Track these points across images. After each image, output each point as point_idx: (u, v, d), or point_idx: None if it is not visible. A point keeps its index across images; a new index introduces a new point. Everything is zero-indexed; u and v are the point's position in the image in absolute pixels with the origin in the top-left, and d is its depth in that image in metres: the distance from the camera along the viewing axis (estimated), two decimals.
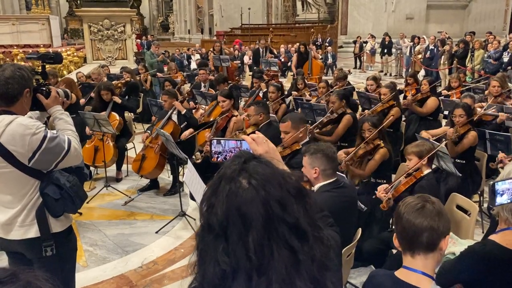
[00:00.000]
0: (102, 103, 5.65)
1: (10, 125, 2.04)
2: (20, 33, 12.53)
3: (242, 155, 1.01)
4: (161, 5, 33.50)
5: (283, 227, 0.91)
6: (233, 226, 0.91)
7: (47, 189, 2.17)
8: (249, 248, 0.89)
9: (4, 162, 2.06)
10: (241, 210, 0.91)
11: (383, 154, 3.89)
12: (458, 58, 11.59)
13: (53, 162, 2.15)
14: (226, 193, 0.93)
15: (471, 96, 5.42)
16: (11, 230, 2.19)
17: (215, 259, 0.91)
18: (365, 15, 19.02)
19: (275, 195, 0.92)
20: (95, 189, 5.29)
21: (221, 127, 4.96)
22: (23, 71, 2.15)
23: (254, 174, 0.94)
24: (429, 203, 1.65)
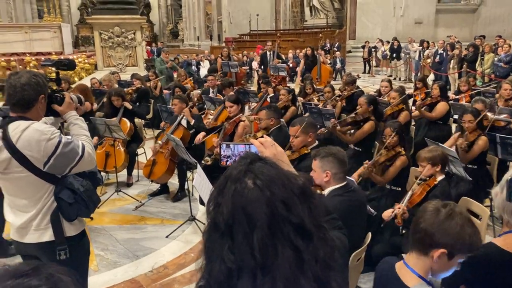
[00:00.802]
0: (113, 109, 5.72)
1: (26, 130, 2.09)
2: (33, 41, 12.70)
3: (248, 156, 1.04)
4: (171, 12, 33.75)
5: (288, 227, 0.93)
6: (238, 225, 0.93)
7: (62, 193, 2.21)
8: (254, 247, 0.91)
9: (20, 167, 2.11)
10: (246, 209, 0.93)
11: (404, 162, 3.85)
12: (468, 62, 11.52)
13: (68, 166, 2.19)
14: (232, 193, 0.95)
15: (483, 100, 5.36)
16: (27, 234, 2.23)
17: (221, 257, 0.94)
18: (373, 20, 19.00)
19: (279, 195, 0.95)
20: (106, 194, 5.33)
21: (229, 132, 4.99)
22: (38, 78, 2.20)
23: (259, 174, 0.97)
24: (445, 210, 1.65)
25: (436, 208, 1.65)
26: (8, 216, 2.31)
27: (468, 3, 17.94)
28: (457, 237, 1.58)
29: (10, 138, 2.09)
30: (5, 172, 2.15)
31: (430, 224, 1.61)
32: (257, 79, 10.32)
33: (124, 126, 5.47)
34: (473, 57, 11.51)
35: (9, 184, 2.22)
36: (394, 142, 3.91)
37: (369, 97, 5.33)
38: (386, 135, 3.98)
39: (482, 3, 17.77)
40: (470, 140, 4.21)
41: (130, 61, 12.13)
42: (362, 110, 5.06)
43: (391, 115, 5.47)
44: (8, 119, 2.17)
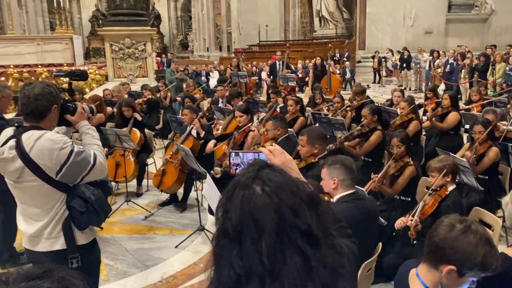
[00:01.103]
0: (123, 119, 5.76)
1: (39, 140, 2.13)
2: (45, 52, 12.89)
3: (256, 163, 1.05)
4: (181, 24, 34.08)
5: (296, 233, 0.94)
6: (247, 231, 0.94)
7: (73, 202, 2.23)
8: (262, 253, 0.92)
9: (33, 175, 2.14)
10: (254, 215, 0.94)
11: (412, 171, 3.82)
12: (479, 72, 11.44)
13: (80, 175, 2.22)
14: (240, 199, 0.97)
15: (494, 111, 5.30)
16: (39, 242, 2.25)
17: (229, 262, 0.94)
18: (383, 30, 19.00)
19: (287, 201, 0.95)
20: (116, 204, 5.35)
21: (239, 142, 5.00)
22: (51, 88, 2.25)
23: (268, 181, 0.98)
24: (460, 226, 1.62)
25: (451, 224, 1.62)
26: (20, 225, 2.34)
27: (479, 12, 17.87)
28: (468, 256, 1.53)
29: (24, 147, 2.12)
30: (18, 181, 2.18)
31: (443, 239, 1.59)
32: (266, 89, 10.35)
33: (134, 136, 5.51)
34: (484, 67, 11.44)
35: (22, 193, 2.24)
36: (401, 152, 3.88)
37: (371, 107, 5.31)
38: (393, 145, 3.95)
39: (493, 12, 17.69)
40: (480, 152, 4.16)
41: (140, 72, 12.23)
42: (367, 121, 5.05)
43: (401, 125, 5.44)
44: (22, 128, 2.20)
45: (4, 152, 2.15)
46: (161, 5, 32.80)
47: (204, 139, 5.29)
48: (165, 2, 33.25)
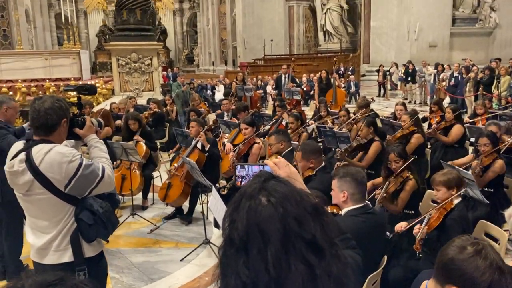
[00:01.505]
0: (129, 132, 5.81)
1: (48, 153, 2.16)
2: (52, 67, 13.02)
3: (262, 174, 1.08)
4: (186, 38, 34.43)
5: (300, 243, 0.96)
6: (253, 241, 0.96)
7: (82, 214, 2.26)
8: (268, 262, 0.94)
9: (42, 188, 2.17)
10: (260, 225, 0.96)
11: (413, 186, 3.80)
12: (484, 85, 11.45)
13: (88, 188, 2.25)
14: (246, 210, 0.99)
15: (496, 123, 5.32)
16: (46, 255, 2.27)
17: (236, 272, 0.96)
18: (387, 43, 19.11)
19: (292, 212, 0.98)
20: (122, 217, 5.37)
21: (243, 153, 5.03)
22: (61, 102, 2.30)
23: (273, 192, 1.00)
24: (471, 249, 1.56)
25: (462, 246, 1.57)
26: (29, 237, 2.36)
27: (483, 26, 17.94)
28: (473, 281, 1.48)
29: (34, 160, 2.15)
30: (28, 194, 2.21)
31: (451, 260, 1.56)
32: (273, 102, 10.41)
33: (140, 150, 5.55)
34: (489, 80, 11.44)
35: (31, 206, 2.27)
36: (399, 167, 3.86)
37: (366, 119, 5.41)
38: (391, 161, 3.94)
39: (497, 26, 17.76)
40: (485, 164, 4.16)
41: (146, 86, 12.33)
42: (364, 133, 5.12)
43: (403, 138, 5.47)
44: (32, 142, 2.24)
45: (14, 165, 2.19)
46: (167, 20, 33.18)
47: (209, 152, 5.32)
48: (171, 17, 33.65)
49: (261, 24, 23.02)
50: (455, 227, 3.08)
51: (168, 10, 33.25)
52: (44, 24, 26.39)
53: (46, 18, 27.10)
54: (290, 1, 23.35)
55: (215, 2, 28.56)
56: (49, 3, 27.74)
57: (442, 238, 3.13)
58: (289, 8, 23.45)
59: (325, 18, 22.20)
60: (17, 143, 2.34)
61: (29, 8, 23.19)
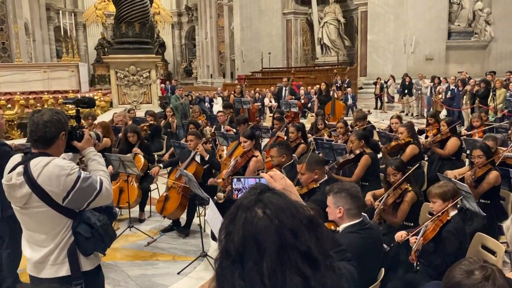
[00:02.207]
0: (128, 145, 5.82)
1: (46, 166, 2.17)
2: (51, 79, 13.08)
3: (258, 187, 1.09)
4: (185, 51, 34.64)
5: (296, 254, 0.97)
6: (249, 252, 0.97)
7: (79, 227, 2.25)
8: (263, 274, 0.95)
9: (40, 202, 2.17)
10: (256, 237, 0.98)
11: (412, 197, 3.81)
12: (480, 98, 11.54)
13: (86, 201, 2.25)
14: (242, 221, 1.00)
15: (493, 138, 5.34)
16: (43, 269, 2.26)
17: (232, 283, 0.98)
18: (384, 56, 19.26)
19: (288, 224, 0.99)
20: (119, 230, 5.35)
21: (240, 166, 5.02)
22: (60, 115, 2.30)
23: (269, 204, 1.02)
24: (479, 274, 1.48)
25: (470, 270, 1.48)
26: (25, 251, 2.34)
27: (479, 39, 18.12)
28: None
29: (32, 173, 2.15)
30: (25, 207, 2.21)
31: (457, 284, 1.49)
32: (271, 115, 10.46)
33: (138, 163, 5.55)
34: (485, 93, 11.53)
35: (28, 219, 2.26)
36: (398, 180, 3.88)
37: (357, 132, 5.44)
38: (389, 174, 3.96)
39: (493, 39, 17.95)
40: (478, 175, 4.18)
41: (144, 98, 12.38)
42: (354, 145, 5.13)
43: (399, 148, 5.51)
44: (30, 155, 2.24)
45: (11, 178, 2.18)
46: (166, 33, 33.45)
47: (209, 162, 5.32)
48: (170, 31, 33.91)
49: (259, 38, 23.20)
50: (452, 239, 3.08)
51: (167, 23, 33.58)
52: (43, 37, 26.53)
53: (45, 31, 27.25)
54: (288, 15, 23.58)
55: (214, 15, 28.82)
56: (48, 16, 27.93)
57: (438, 250, 3.14)
58: (286, 22, 23.67)
59: (322, 31, 22.40)
60: (15, 156, 2.33)
61: (28, 21, 23.36)
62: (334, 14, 22.02)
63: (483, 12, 17.86)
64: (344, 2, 22.71)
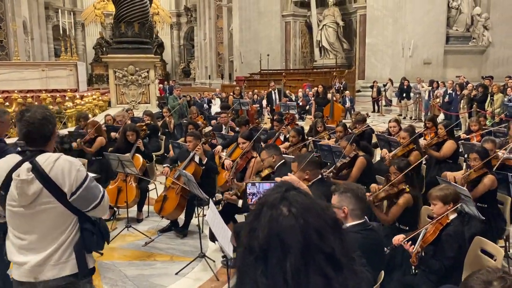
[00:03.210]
0: (126, 144, 5.80)
1: (57, 161, 2.16)
2: (49, 78, 13.05)
3: (283, 184, 1.08)
4: (183, 52, 34.65)
5: (320, 255, 0.97)
6: (273, 250, 0.97)
7: (86, 223, 2.25)
8: (286, 272, 0.95)
9: (51, 197, 2.14)
10: (280, 236, 0.97)
11: (407, 200, 3.81)
12: (478, 102, 11.59)
13: (91, 203, 2.23)
14: (268, 219, 1.00)
15: (492, 140, 5.37)
16: (42, 271, 2.19)
17: (254, 280, 0.97)
18: (382, 60, 19.31)
19: (313, 224, 0.99)
20: (117, 230, 5.34)
21: (241, 168, 5.03)
22: (49, 111, 2.33)
23: (294, 202, 1.01)
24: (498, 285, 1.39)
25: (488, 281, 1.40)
26: (17, 257, 2.23)
27: (476, 44, 18.20)
28: None
29: (42, 168, 2.13)
30: (31, 206, 2.14)
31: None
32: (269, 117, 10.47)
33: (137, 162, 5.54)
34: (483, 97, 11.59)
35: (30, 220, 2.18)
36: (397, 180, 3.89)
37: (347, 137, 5.47)
38: (391, 173, 4.00)
39: (490, 44, 18.03)
40: (472, 177, 4.21)
41: (143, 98, 12.38)
42: (347, 150, 5.17)
43: (402, 155, 5.49)
44: (31, 152, 2.21)
45: (20, 174, 2.12)
46: (165, 33, 33.45)
47: (206, 165, 5.32)
48: (169, 31, 33.91)
49: (257, 39, 23.21)
50: (451, 242, 3.09)
51: (166, 23, 33.57)
52: (41, 36, 26.46)
53: (44, 30, 27.18)
54: (287, 17, 23.60)
55: (212, 16, 28.83)
56: (47, 15, 27.88)
57: (437, 253, 3.14)
58: (285, 24, 23.69)
59: (321, 34, 22.44)
60: (10, 155, 2.27)
61: (27, 20, 23.30)
62: (333, 17, 22.05)
63: (481, 17, 17.94)
64: (343, 5, 22.76)
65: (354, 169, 5.06)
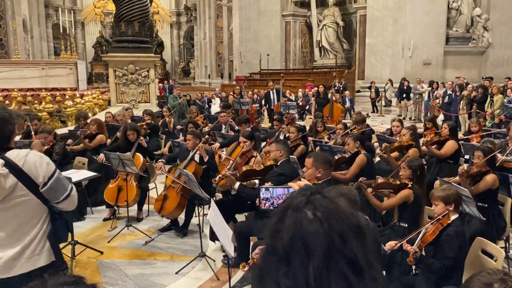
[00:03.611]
0: (127, 143, 5.80)
1: (28, 155, 2.23)
2: (49, 77, 13.00)
3: (308, 188, 1.10)
4: (183, 51, 34.64)
5: (342, 260, 0.98)
6: (296, 252, 0.98)
7: (56, 214, 2.33)
8: (309, 275, 0.96)
9: (25, 190, 2.20)
10: (304, 239, 0.98)
11: (406, 195, 3.82)
12: (477, 103, 11.60)
13: (62, 194, 2.30)
14: (292, 221, 1.01)
15: (491, 142, 5.39)
16: (15, 266, 2.20)
17: (276, 280, 0.98)
18: (382, 60, 19.33)
19: (337, 229, 0.99)
20: (117, 229, 5.34)
21: (240, 167, 5.02)
22: (7, 109, 2.38)
23: (319, 207, 1.02)
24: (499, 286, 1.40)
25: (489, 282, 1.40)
26: None
27: (476, 45, 18.23)
28: None
29: (15, 163, 2.18)
30: (5, 200, 2.18)
31: None
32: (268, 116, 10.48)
33: (137, 161, 5.54)
34: (482, 98, 11.59)
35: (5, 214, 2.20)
36: (404, 176, 3.93)
37: (353, 134, 5.60)
38: (401, 168, 4.06)
39: (490, 45, 18.06)
40: (471, 172, 4.23)
41: (143, 97, 12.37)
42: (350, 147, 5.26)
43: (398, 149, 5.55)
44: None
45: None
46: (165, 32, 33.44)
47: (207, 164, 5.32)
48: (168, 30, 33.90)
49: (257, 39, 23.22)
50: (451, 242, 3.10)
51: (166, 23, 33.55)
52: (41, 34, 26.44)
53: (44, 28, 27.16)
54: (287, 17, 23.60)
55: (212, 16, 28.82)
56: (47, 13, 27.85)
57: (438, 254, 3.15)
58: (285, 24, 23.69)
59: (321, 34, 22.45)
60: None
61: (27, 18, 23.28)
62: (333, 17, 22.06)
63: (481, 18, 17.97)
64: (343, 5, 22.77)
65: (353, 165, 5.10)
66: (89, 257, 4.59)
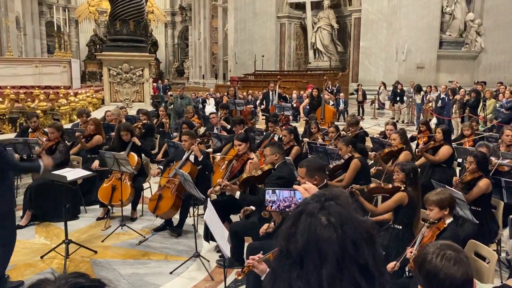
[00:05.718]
0: (121, 143, 5.79)
1: None
2: (42, 75, 12.91)
3: (323, 194, 1.11)
4: (177, 51, 34.56)
5: (354, 266, 1.00)
6: (310, 257, 1.00)
7: None
8: (322, 279, 0.98)
9: None
10: (318, 244, 1.00)
11: (400, 198, 3.83)
12: (470, 107, 11.71)
13: None
14: (307, 226, 1.02)
15: (487, 145, 5.44)
16: None
17: (288, 283, 1.00)
18: (376, 63, 19.44)
19: (350, 235, 1.01)
20: (111, 228, 5.32)
21: (236, 170, 5.02)
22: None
23: (334, 213, 1.04)
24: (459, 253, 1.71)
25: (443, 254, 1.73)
26: None
27: (469, 50, 18.38)
28: None
29: None
30: None
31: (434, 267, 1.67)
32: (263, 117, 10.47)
33: (132, 161, 5.53)
34: (475, 102, 11.71)
35: None
36: (398, 179, 3.95)
37: (344, 138, 5.55)
38: (394, 172, 4.07)
39: (483, 50, 18.22)
40: (465, 180, 4.26)
41: (137, 96, 12.34)
42: (343, 152, 5.24)
43: (392, 155, 5.56)
44: None
45: None
46: (159, 32, 33.33)
47: (202, 163, 5.32)
48: (163, 30, 33.81)
49: (252, 40, 23.25)
50: None
51: (160, 22, 33.46)
52: (34, 32, 26.26)
53: (37, 26, 26.98)
54: (282, 19, 23.64)
55: (207, 16, 28.79)
56: (40, 10, 27.66)
57: None
58: (280, 26, 23.73)
59: (315, 36, 22.50)
60: None
61: (20, 15, 23.11)
62: (328, 19, 22.12)
63: (474, 23, 18.12)
64: (338, 8, 22.84)
65: (348, 171, 5.08)
66: (83, 256, 4.57)
